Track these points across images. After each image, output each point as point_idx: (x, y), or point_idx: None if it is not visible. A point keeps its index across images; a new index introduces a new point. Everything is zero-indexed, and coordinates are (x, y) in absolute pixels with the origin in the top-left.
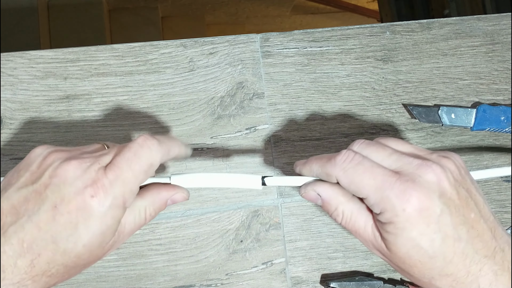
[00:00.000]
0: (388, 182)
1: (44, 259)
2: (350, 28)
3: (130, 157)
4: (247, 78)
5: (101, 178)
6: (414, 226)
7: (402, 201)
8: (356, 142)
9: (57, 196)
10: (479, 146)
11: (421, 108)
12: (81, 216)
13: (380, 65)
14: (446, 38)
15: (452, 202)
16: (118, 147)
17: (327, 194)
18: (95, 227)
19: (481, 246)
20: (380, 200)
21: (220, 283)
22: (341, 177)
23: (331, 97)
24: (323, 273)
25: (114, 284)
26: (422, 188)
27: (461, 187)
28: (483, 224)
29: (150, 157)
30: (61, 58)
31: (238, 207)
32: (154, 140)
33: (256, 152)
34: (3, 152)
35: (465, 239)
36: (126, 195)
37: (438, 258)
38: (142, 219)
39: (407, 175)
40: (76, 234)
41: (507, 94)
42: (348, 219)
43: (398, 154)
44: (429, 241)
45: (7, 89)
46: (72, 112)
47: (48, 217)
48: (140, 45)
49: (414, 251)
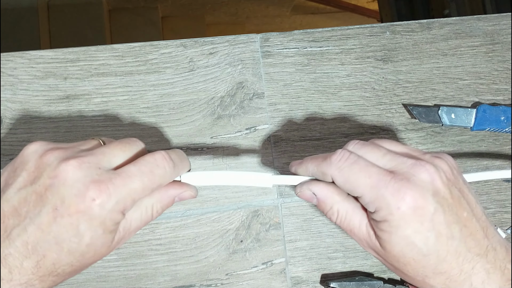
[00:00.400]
0: (383, 181)
1: (49, 260)
2: (350, 28)
3: (145, 171)
4: (247, 78)
5: (104, 181)
6: (408, 224)
7: (397, 199)
8: (351, 142)
9: (57, 198)
10: (479, 146)
11: (421, 108)
12: (82, 217)
13: (380, 65)
14: (446, 38)
15: (445, 201)
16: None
17: (322, 193)
18: (96, 228)
19: (474, 245)
20: (375, 198)
21: (220, 283)
22: (336, 176)
23: (331, 97)
24: (323, 273)
25: (114, 284)
26: (417, 187)
27: (453, 186)
28: (475, 223)
29: (163, 178)
30: (61, 58)
31: (238, 207)
32: (171, 162)
33: (256, 152)
34: (3, 152)
35: (458, 237)
36: (127, 202)
37: (432, 256)
38: (149, 216)
39: (402, 174)
40: (79, 235)
41: (507, 94)
42: (343, 218)
43: (392, 154)
44: (423, 239)
45: (7, 89)
46: (72, 112)
47: (49, 219)
48: (140, 45)
49: (408, 249)
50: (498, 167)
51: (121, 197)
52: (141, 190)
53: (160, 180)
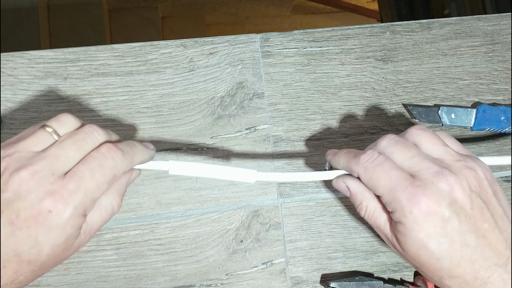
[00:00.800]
0: (401, 185)
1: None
2: (350, 28)
3: (94, 167)
4: (247, 78)
5: (58, 190)
6: (421, 227)
7: (411, 204)
8: (387, 137)
9: (12, 212)
10: (479, 146)
11: (421, 108)
12: (40, 229)
13: (380, 65)
14: (446, 38)
15: (463, 210)
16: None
17: (355, 188)
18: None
19: (492, 255)
20: (392, 200)
21: (220, 283)
22: (361, 174)
23: (331, 97)
24: (323, 273)
25: (114, 284)
26: (432, 194)
27: (477, 197)
28: (497, 234)
29: (114, 168)
30: (61, 58)
31: (238, 207)
32: (118, 151)
33: (256, 152)
34: None
35: (473, 246)
36: (87, 204)
37: (445, 260)
38: (110, 213)
39: (421, 180)
40: (38, 246)
41: (507, 94)
42: (371, 214)
43: (420, 158)
44: (436, 243)
45: (7, 89)
46: (72, 112)
47: (7, 233)
48: (140, 45)
49: (422, 251)
50: (498, 167)
51: (78, 201)
52: (97, 187)
53: (112, 171)
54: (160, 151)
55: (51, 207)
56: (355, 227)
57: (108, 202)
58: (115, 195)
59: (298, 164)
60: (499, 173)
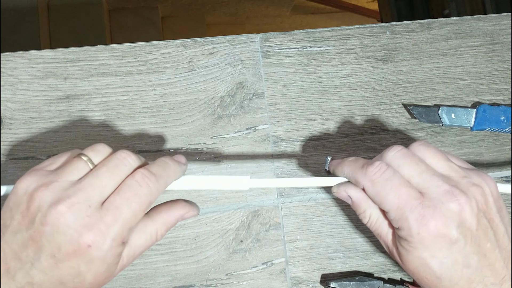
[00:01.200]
0: (410, 204)
1: None
2: (350, 28)
3: (130, 197)
4: (247, 78)
5: (96, 223)
6: (426, 248)
7: (419, 225)
8: (393, 149)
9: (53, 245)
10: (479, 146)
11: (421, 108)
12: (81, 261)
13: (380, 65)
14: (446, 38)
15: (470, 232)
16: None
17: (358, 197)
18: (97, 267)
19: (490, 274)
20: (399, 218)
21: (220, 283)
22: (368, 187)
23: (331, 97)
24: (323, 273)
25: (114, 284)
26: (441, 216)
27: (483, 217)
28: (497, 253)
29: (150, 195)
30: (61, 58)
31: (238, 207)
32: (152, 176)
33: (256, 152)
34: (3, 152)
35: (474, 266)
36: (124, 233)
37: (445, 279)
38: (153, 240)
39: (431, 200)
40: (81, 276)
41: (507, 94)
42: (374, 222)
43: (429, 174)
44: (438, 263)
45: (7, 89)
46: (72, 112)
47: (50, 265)
48: (140, 45)
49: (422, 269)
50: (498, 167)
51: (116, 233)
52: (133, 217)
53: (148, 199)
54: (160, 151)
55: (90, 241)
56: (355, 227)
57: (154, 229)
58: (162, 225)
59: (298, 164)
60: (499, 173)
